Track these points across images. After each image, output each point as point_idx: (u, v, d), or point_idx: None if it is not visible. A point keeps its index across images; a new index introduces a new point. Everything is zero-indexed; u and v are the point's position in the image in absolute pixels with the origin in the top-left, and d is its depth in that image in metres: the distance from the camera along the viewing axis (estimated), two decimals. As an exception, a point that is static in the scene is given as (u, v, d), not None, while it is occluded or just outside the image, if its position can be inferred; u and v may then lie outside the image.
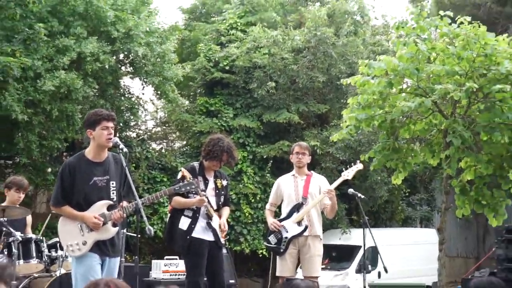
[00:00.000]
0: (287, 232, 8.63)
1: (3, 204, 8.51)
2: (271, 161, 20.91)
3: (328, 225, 17.98)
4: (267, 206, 9.27)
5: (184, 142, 23.47)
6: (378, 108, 11.60)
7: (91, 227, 6.46)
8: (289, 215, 8.70)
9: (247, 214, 20.58)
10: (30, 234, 8.79)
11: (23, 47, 15.25)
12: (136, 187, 6.50)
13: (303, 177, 8.85)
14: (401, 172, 12.22)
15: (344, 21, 21.82)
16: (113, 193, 6.60)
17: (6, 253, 8.11)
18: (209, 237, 7.72)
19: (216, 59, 22.37)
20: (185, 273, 8.11)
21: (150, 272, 13.36)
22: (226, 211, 8.14)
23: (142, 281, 12.65)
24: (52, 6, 16.63)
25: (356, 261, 18.81)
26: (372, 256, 17.59)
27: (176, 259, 13.07)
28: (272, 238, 8.74)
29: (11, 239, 8.01)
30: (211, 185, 7.93)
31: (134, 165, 19.31)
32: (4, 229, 8.08)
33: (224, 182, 8.12)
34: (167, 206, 18.43)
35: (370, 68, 11.17)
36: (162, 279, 12.70)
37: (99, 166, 6.61)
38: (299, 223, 8.60)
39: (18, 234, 8.04)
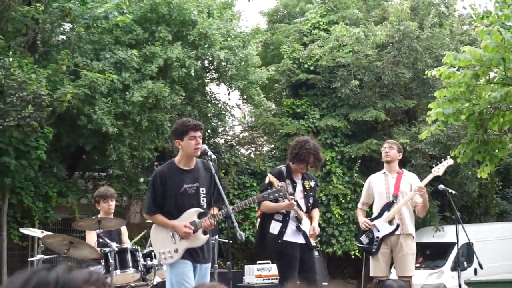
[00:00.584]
0: (378, 231, 8.50)
1: (98, 216, 8.69)
2: (360, 161, 20.74)
3: (421, 223, 17.70)
4: (359, 205, 9.16)
5: (272, 146, 23.54)
6: (465, 101, 11.33)
7: (182, 236, 6.52)
8: (380, 214, 8.57)
9: (337, 215, 20.47)
10: (127, 244, 8.95)
11: (113, 68, 15.60)
12: (226, 193, 6.54)
13: (393, 175, 8.70)
14: (487, 165, 11.92)
15: (428, 13, 21.40)
16: (203, 200, 6.65)
17: (103, 263, 8.28)
18: (300, 239, 7.67)
19: (300, 59, 22.34)
20: (278, 277, 8.09)
21: (244, 277, 13.43)
22: (316, 213, 8.07)
23: (236, 287, 12.72)
24: (138, 17, 17.02)
25: (451, 259, 18.44)
26: (467, 252, 17.22)
27: (269, 263, 13.09)
28: (364, 238, 8.63)
29: (107, 249, 8.16)
30: (299, 187, 7.88)
31: (223, 171, 19.47)
32: (101, 240, 8.24)
33: (312, 183, 8.06)
34: (257, 210, 18.54)
35: (455, 59, 10.91)
36: (256, 284, 12.74)
37: (189, 173, 6.66)
38: (390, 222, 8.45)
39: (114, 245, 8.18)
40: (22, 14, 15.01)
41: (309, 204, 7.89)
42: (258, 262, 13.70)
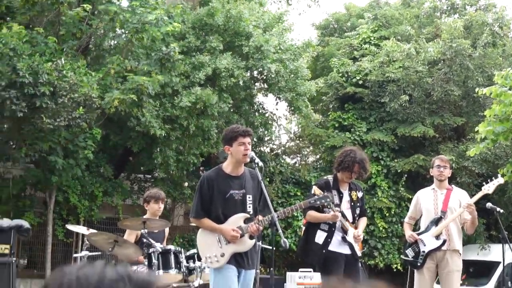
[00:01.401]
0: (424, 245, 8.42)
1: (144, 217, 8.75)
2: (406, 175, 20.60)
3: (466, 240, 17.50)
4: (406, 219, 9.08)
5: (318, 157, 23.50)
6: (515, 121, 11.19)
7: (229, 239, 6.53)
8: (427, 229, 8.49)
9: (381, 228, 20.35)
10: (169, 246, 9.00)
11: (159, 67, 15.72)
12: (270, 201, 6.53)
13: (443, 191, 8.61)
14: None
15: (482, 32, 21.19)
16: (249, 207, 6.66)
17: (146, 263, 8.33)
18: (345, 250, 7.63)
19: (349, 73, 22.32)
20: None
21: (285, 284, 13.42)
22: (362, 222, 8.02)
23: (277, 294, 12.71)
24: (193, 22, 17.16)
25: (495, 278, 18.15)
26: (512, 272, 16.96)
27: (311, 271, 13.05)
28: (410, 252, 8.55)
29: (151, 250, 8.22)
30: (346, 198, 7.84)
31: (268, 179, 19.49)
32: (145, 240, 8.30)
33: (360, 194, 8.01)
34: (301, 219, 18.53)
35: (507, 78, 10.78)
36: (297, 291, 12.71)
37: (236, 179, 6.68)
38: (437, 237, 8.37)
39: (158, 245, 8.24)
40: (73, 16, 15.22)
41: (356, 215, 7.84)
42: (300, 269, 13.67)
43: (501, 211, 8.84)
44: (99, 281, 1.52)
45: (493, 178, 8.89)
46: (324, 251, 7.58)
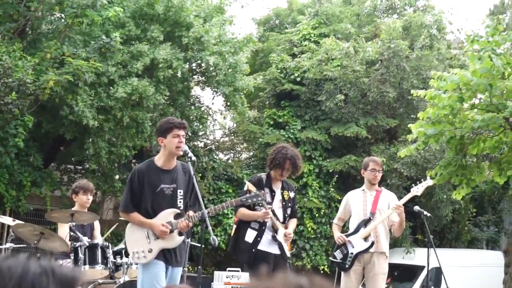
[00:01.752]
0: (353, 247, 8.49)
1: (72, 209, 8.60)
2: (337, 176, 20.74)
3: (392, 243, 17.71)
4: (335, 220, 9.14)
5: (251, 154, 23.49)
6: (448, 124, 11.36)
7: (158, 234, 6.47)
8: (356, 231, 8.56)
9: (310, 229, 20.43)
10: (99, 239, 8.87)
11: (98, 55, 15.50)
12: (201, 197, 6.48)
13: (372, 193, 8.70)
14: (463, 188, 11.98)
15: (420, 34, 21.47)
16: (180, 202, 6.61)
17: (72, 257, 8.19)
18: (275, 250, 7.64)
19: (287, 70, 22.35)
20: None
21: (212, 283, 13.35)
22: (293, 222, 8.04)
23: (204, 292, 12.65)
24: (133, 11, 16.94)
25: (419, 282, 18.46)
26: (436, 277, 17.23)
27: (238, 271, 13.02)
28: (338, 254, 8.60)
29: (78, 244, 8.08)
30: (278, 197, 7.84)
31: (200, 175, 19.38)
32: (72, 233, 8.16)
33: (292, 194, 8.03)
34: (231, 217, 18.51)
35: (442, 81, 10.93)
36: (224, 291, 12.67)
37: (167, 173, 6.63)
38: (365, 238, 8.45)
39: (85, 239, 8.11)
40: (15, -1, 14.90)
41: (286, 215, 7.85)
42: (228, 269, 13.63)
43: (428, 214, 8.97)
44: (22, 274, 1.48)
45: (422, 180, 9.02)
46: (253, 250, 7.57)
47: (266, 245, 7.61)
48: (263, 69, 23.49)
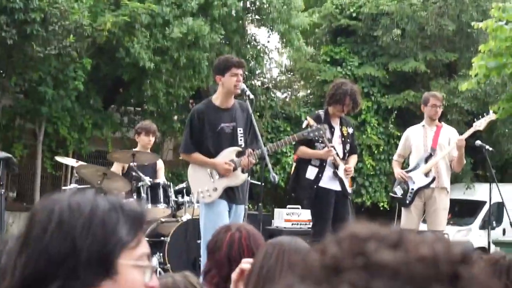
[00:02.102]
0: (414, 183, 8.42)
1: (134, 150, 8.72)
2: (396, 112, 20.52)
3: (452, 179, 17.56)
4: (395, 157, 9.06)
5: (309, 91, 23.37)
6: (510, 56, 11.08)
7: (222, 173, 6.49)
8: (416, 166, 8.48)
9: (369, 166, 20.36)
10: (162, 179, 8.98)
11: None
12: (260, 135, 6.47)
13: (433, 128, 8.57)
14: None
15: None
16: (240, 140, 6.61)
17: (135, 196, 8.33)
18: (336, 186, 7.61)
19: (343, 5, 22.03)
20: (311, 222, 8.09)
21: (273, 220, 13.44)
22: (353, 158, 7.99)
23: (264, 229, 12.74)
24: None
25: (480, 217, 18.34)
26: (498, 212, 17.07)
27: (298, 208, 13.07)
28: (398, 189, 8.54)
29: (140, 183, 8.22)
30: (337, 132, 7.77)
31: (258, 114, 19.37)
32: (134, 173, 8.28)
33: (350, 130, 7.96)
34: (290, 156, 18.51)
35: (504, 12, 10.62)
36: (285, 227, 12.74)
37: (226, 112, 6.63)
38: (426, 174, 8.37)
39: (147, 179, 8.22)
40: None
41: (346, 151, 7.81)
42: (288, 206, 13.69)
43: (490, 149, 8.83)
44: (92, 210, 1.49)
45: (485, 114, 8.86)
46: (315, 186, 7.56)
47: (327, 181, 7.58)
48: (318, 5, 23.18)
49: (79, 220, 1.47)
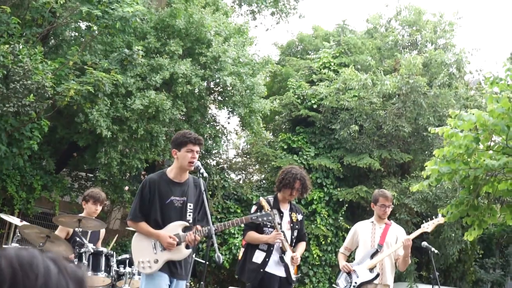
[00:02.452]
0: (357, 277, 8.43)
1: (80, 215, 8.61)
2: (346, 205, 20.69)
3: (396, 278, 17.59)
4: (341, 249, 9.09)
5: (262, 176, 23.49)
6: (462, 163, 11.30)
7: (165, 246, 6.44)
8: (362, 261, 8.52)
9: (315, 256, 20.36)
10: (101, 248, 8.86)
11: (119, 66, 15.60)
12: (210, 214, 6.46)
13: (381, 225, 8.66)
14: (475, 229, 11.87)
15: (440, 71, 21.49)
16: (189, 215, 6.59)
17: (76, 262, 8.19)
18: (281, 272, 7.59)
19: (305, 96, 22.45)
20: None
21: (214, 301, 13.29)
22: (301, 246, 8.00)
23: (204, 309, 12.61)
24: (155, 22, 17.06)
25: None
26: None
27: (241, 291, 12.97)
28: (342, 282, 8.55)
29: (83, 249, 8.08)
30: (286, 218, 7.81)
31: (210, 192, 19.39)
32: (78, 239, 8.16)
33: (300, 217, 8.00)
34: (237, 237, 18.46)
35: (460, 119, 10.87)
36: (225, 309, 12.61)
37: (178, 186, 6.61)
38: (371, 270, 8.40)
39: (90, 246, 8.10)
40: (42, 4, 15.02)
41: (293, 237, 7.82)
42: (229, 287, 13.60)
43: (436, 251, 8.91)
44: (46, 274, 1.41)
45: (433, 217, 8.97)
46: (261, 270, 7.53)
47: (273, 267, 7.57)
48: (281, 93, 23.59)
49: (36, 285, 1.39)
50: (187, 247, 6.56)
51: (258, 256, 7.59)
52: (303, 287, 20.24)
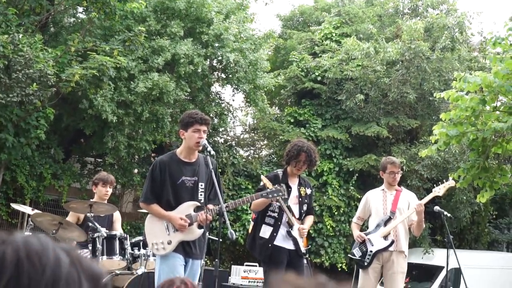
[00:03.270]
0: (372, 245, 8.44)
1: (91, 200, 8.63)
2: (357, 175, 20.68)
3: (411, 243, 17.59)
4: (354, 219, 9.08)
5: (271, 151, 23.47)
6: (469, 125, 11.27)
7: (177, 227, 6.45)
8: (375, 229, 8.52)
9: (329, 227, 20.39)
10: (119, 231, 8.88)
11: (121, 47, 15.57)
12: (220, 191, 6.45)
13: (392, 192, 8.65)
14: (487, 191, 11.87)
15: (441, 35, 21.36)
16: (200, 195, 6.59)
17: (90, 248, 8.22)
18: (290, 245, 7.60)
19: (308, 69, 22.36)
20: (263, 281, 8.04)
21: (229, 277, 13.36)
22: (309, 219, 7.99)
23: (220, 285, 12.67)
24: (154, 5, 17.00)
25: (437, 282, 18.32)
26: (455, 277, 17.12)
27: (256, 266, 13.02)
28: (357, 251, 8.56)
29: (96, 234, 8.11)
30: (294, 192, 7.79)
31: (220, 170, 19.37)
32: (90, 224, 8.18)
33: (308, 191, 7.98)
34: (250, 213, 18.49)
35: (465, 82, 10.82)
36: (241, 285, 12.67)
37: (189, 166, 6.61)
38: (385, 237, 8.40)
39: (103, 230, 8.12)
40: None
41: (302, 211, 7.81)
42: (245, 263, 13.63)
43: (448, 215, 8.88)
44: (56, 265, 1.28)
45: (444, 180, 8.95)
46: (270, 245, 7.55)
47: (281, 240, 7.58)
48: (284, 67, 23.50)
49: (43, 277, 1.26)
50: (199, 226, 6.56)
51: (265, 231, 7.60)
52: (319, 259, 20.31)
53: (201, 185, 6.60)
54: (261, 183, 7.66)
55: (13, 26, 14.15)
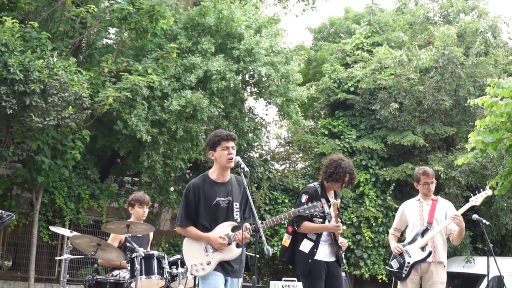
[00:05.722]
0: (410, 257, 8.37)
1: (128, 221, 8.68)
2: (394, 184, 20.53)
3: (451, 252, 17.38)
4: (391, 230, 9.02)
5: (307, 163, 23.41)
6: (506, 131, 11.14)
7: (217, 247, 6.46)
8: (413, 240, 8.45)
9: (367, 238, 20.27)
10: (152, 251, 8.92)
11: (155, 64, 15.72)
12: (257, 207, 6.49)
13: (428, 202, 8.57)
14: (527, 198, 11.71)
15: (475, 40, 21.17)
16: (236, 214, 6.59)
17: (129, 268, 8.26)
18: (330, 258, 7.61)
19: (341, 80, 22.31)
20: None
21: (268, 292, 13.36)
22: None
23: (260, 301, 12.67)
24: (184, 22, 17.14)
25: (480, 291, 18.11)
26: (497, 286, 16.88)
27: (294, 280, 12.98)
28: (394, 263, 8.50)
29: (134, 254, 8.15)
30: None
31: (256, 185, 19.36)
32: (128, 244, 8.23)
33: (338, 201, 7.99)
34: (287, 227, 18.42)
35: (499, 88, 10.71)
36: (280, 300, 12.66)
37: (222, 186, 6.62)
38: (422, 248, 8.33)
39: (141, 250, 8.16)
40: (74, 15, 15.24)
41: (339, 223, 7.80)
42: (283, 279, 13.60)
43: (487, 223, 8.77)
44: None
45: (481, 190, 8.84)
46: (310, 260, 7.53)
47: (322, 254, 7.57)
48: (316, 79, 23.47)
49: None
50: (237, 246, 6.57)
51: (306, 245, 7.58)
52: (358, 271, 20.19)
53: (236, 205, 6.61)
54: (303, 198, 7.62)
55: (47, 50, 14.36)
